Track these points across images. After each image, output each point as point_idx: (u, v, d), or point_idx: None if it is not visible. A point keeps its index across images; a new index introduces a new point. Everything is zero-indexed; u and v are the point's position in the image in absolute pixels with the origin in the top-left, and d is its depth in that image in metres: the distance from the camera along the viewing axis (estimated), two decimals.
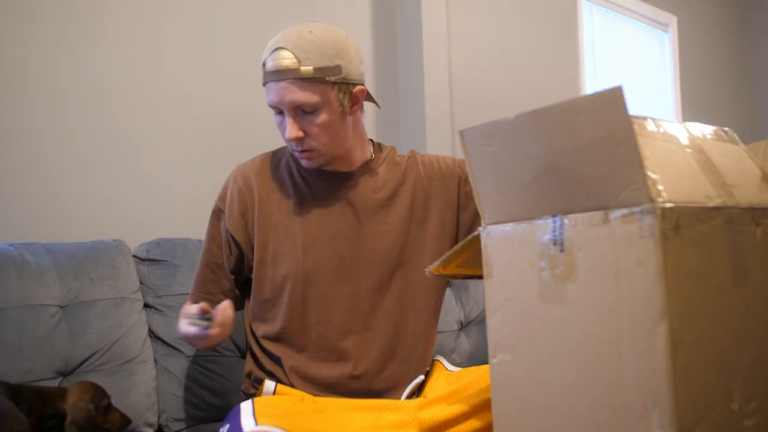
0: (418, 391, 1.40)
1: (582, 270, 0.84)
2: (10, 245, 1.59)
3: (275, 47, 1.27)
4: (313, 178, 1.39)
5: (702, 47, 4.61)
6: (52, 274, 1.57)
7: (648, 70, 4.21)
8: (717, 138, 0.99)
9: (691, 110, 4.41)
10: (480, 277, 1.15)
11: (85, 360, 1.55)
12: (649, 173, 0.79)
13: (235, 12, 2.24)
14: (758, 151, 1.06)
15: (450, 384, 1.33)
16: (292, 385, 1.33)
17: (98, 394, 1.35)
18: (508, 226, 0.93)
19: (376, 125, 2.54)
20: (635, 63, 4.12)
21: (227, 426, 1.19)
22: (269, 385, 1.31)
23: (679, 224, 0.78)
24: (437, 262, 1.12)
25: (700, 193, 0.84)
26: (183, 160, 2.09)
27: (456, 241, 1.44)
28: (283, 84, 1.25)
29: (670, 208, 0.77)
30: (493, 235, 0.94)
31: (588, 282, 0.83)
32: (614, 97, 0.78)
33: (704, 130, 0.97)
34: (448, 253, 1.10)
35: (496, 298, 0.94)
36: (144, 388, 1.62)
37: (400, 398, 1.33)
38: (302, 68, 1.24)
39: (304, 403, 1.23)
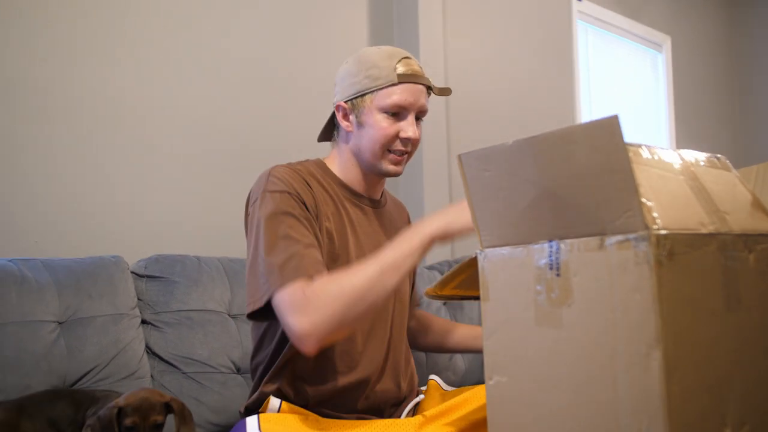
0: (414, 410, 1.41)
1: (578, 295, 0.85)
2: (10, 261, 1.60)
3: (404, 55, 1.37)
4: (350, 201, 1.41)
5: (695, 67, 4.66)
6: (51, 290, 1.58)
7: (642, 90, 4.26)
8: (710, 165, 1.00)
9: (684, 129, 4.46)
10: (476, 298, 1.17)
11: (83, 376, 1.56)
12: (644, 200, 0.80)
13: (239, 33, 2.26)
14: (750, 176, 1.08)
15: (447, 402, 1.34)
16: (295, 392, 1.34)
17: (147, 407, 1.28)
18: (505, 250, 0.94)
19: None
20: (629, 82, 4.16)
21: None
22: (274, 402, 1.32)
23: (674, 251, 0.79)
24: (434, 284, 1.14)
25: (694, 219, 0.86)
26: (181, 177, 2.10)
27: None
28: (420, 87, 1.36)
29: (665, 235, 0.79)
30: (490, 259, 0.96)
31: (584, 307, 0.84)
32: (611, 126, 0.80)
33: (697, 157, 0.99)
34: (445, 275, 1.12)
35: (492, 321, 0.96)
36: None
37: (400, 416, 1.34)
38: (428, 78, 1.39)
39: (308, 421, 1.24)
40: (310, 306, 1.14)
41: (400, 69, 1.34)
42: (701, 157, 1.00)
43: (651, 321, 0.78)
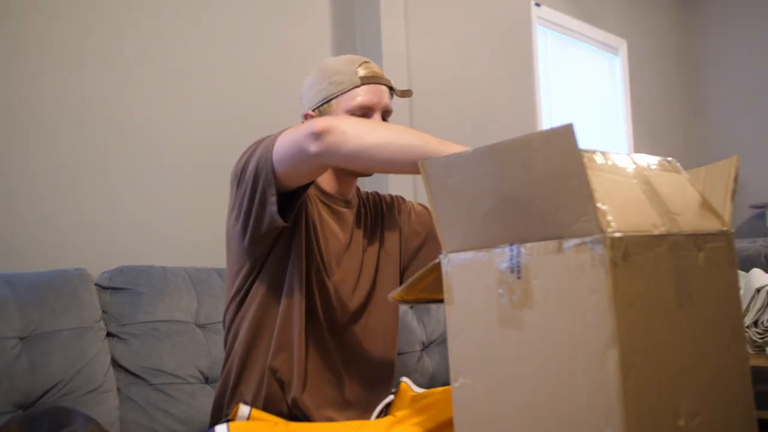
0: (384, 411, 1.43)
1: (538, 297, 0.88)
2: None
3: (362, 60, 1.43)
4: (322, 202, 1.43)
5: (651, 70, 4.76)
6: (12, 305, 1.55)
7: (600, 92, 4.34)
8: (661, 168, 1.04)
9: (641, 131, 4.55)
10: (441, 301, 1.19)
11: (47, 391, 1.53)
12: (599, 205, 0.83)
13: (200, 38, 2.26)
14: (698, 177, 1.12)
15: (417, 403, 1.36)
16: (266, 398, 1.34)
17: None
18: (468, 254, 0.96)
19: None
20: (588, 85, 4.24)
21: None
22: (244, 409, 1.32)
23: (628, 252, 0.83)
24: (400, 288, 1.16)
25: (647, 221, 0.89)
26: (145, 187, 2.09)
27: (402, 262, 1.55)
28: (380, 87, 1.42)
29: (619, 238, 0.82)
30: (453, 263, 0.98)
31: (544, 309, 0.88)
32: (566, 134, 0.83)
33: (649, 161, 1.03)
34: (411, 279, 1.13)
35: (457, 324, 0.98)
36: (107, 417, 1.61)
37: (370, 418, 1.36)
38: (389, 79, 1.45)
39: (278, 427, 1.25)
40: (335, 118, 1.22)
41: (362, 72, 1.40)
42: (653, 160, 1.04)
43: (607, 321, 0.81)
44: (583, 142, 0.92)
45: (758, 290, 1.71)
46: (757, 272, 1.79)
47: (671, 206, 0.96)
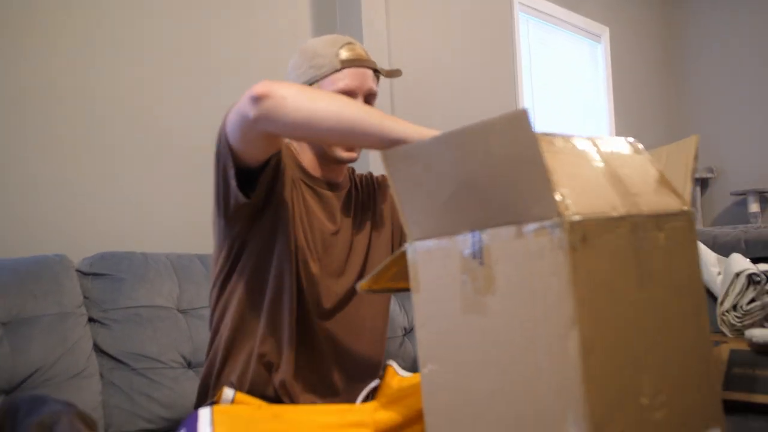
0: (370, 395, 1.44)
1: (501, 282, 0.89)
2: None
3: (346, 41, 1.36)
4: (305, 184, 1.40)
5: (633, 57, 4.79)
6: None
7: (582, 79, 4.36)
8: (622, 149, 1.05)
9: (623, 117, 4.58)
10: (407, 289, 1.21)
11: (29, 376, 1.53)
12: (557, 188, 0.84)
13: (180, 25, 2.24)
14: (660, 157, 1.12)
15: (402, 389, 1.37)
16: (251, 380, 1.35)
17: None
18: (432, 242, 0.97)
19: None
20: (570, 72, 4.25)
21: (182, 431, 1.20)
22: (228, 392, 1.33)
23: (587, 235, 0.83)
24: (367, 278, 1.16)
25: (607, 204, 0.90)
26: (125, 173, 2.08)
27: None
28: (362, 70, 1.35)
29: (578, 221, 0.83)
30: (418, 251, 0.99)
31: (506, 293, 0.88)
32: (520, 119, 0.83)
33: (611, 143, 1.04)
34: (377, 269, 1.14)
35: (423, 311, 0.99)
36: (90, 402, 1.61)
37: (355, 402, 1.37)
38: (373, 61, 1.38)
39: (261, 410, 1.25)
40: (275, 83, 1.13)
41: (343, 55, 1.35)
42: (614, 142, 1.04)
43: (567, 304, 0.82)
44: (564, 128, 0.93)
45: (737, 275, 1.73)
46: (736, 257, 1.81)
47: (631, 187, 0.97)
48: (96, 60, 2.04)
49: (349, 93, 1.34)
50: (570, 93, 4.24)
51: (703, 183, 5.07)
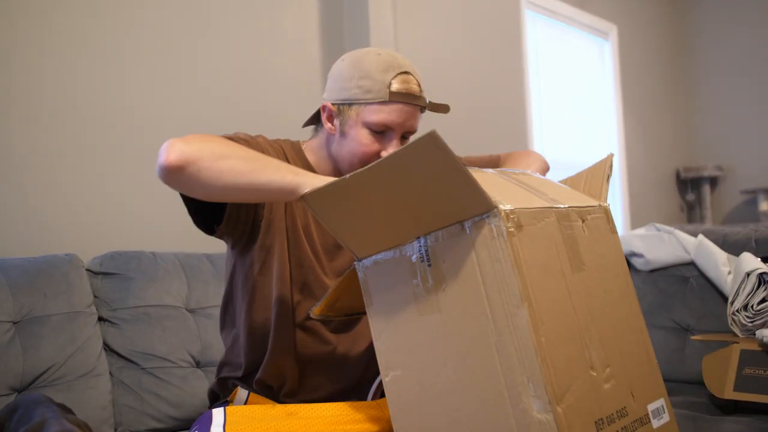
0: (380, 389, 1.43)
1: (449, 278, 0.96)
2: None
3: (402, 70, 1.28)
4: None
5: (641, 55, 4.77)
6: (5, 290, 1.56)
7: (590, 77, 4.35)
8: (530, 174, 1.18)
9: (631, 116, 4.57)
10: (361, 313, 1.22)
11: (40, 375, 1.54)
12: (486, 190, 0.92)
13: (188, 27, 2.24)
14: (580, 179, 1.23)
15: None
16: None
17: None
18: (379, 255, 1.04)
19: None
20: (577, 70, 4.24)
21: (195, 431, 1.21)
22: (242, 393, 1.33)
23: (521, 223, 0.93)
24: (319, 303, 1.18)
25: (531, 202, 1.00)
26: (135, 173, 2.08)
27: None
28: (410, 109, 1.29)
29: (511, 210, 0.92)
30: (366, 266, 1.05)
31: (456, 287, 0.96)
32: (434, 139, 0.89)
33: (517, 172, 1.17)
34: (328, 294, 1.17)
35: (378, 322, 1.05)
36: (99, 401, 1.62)
37: (366, 398, 1.36)
38: (424, 97, 1.32)
39: (276, 408, 1.25)
40: (197, 136, 1.17)
41: (395, 86, 1.26)
42: (520, 172, 1.17)
43: (513, 283, 0.90)
44: (571, 127, 1.00)
45: (748, 274, 1.72)
46: (747, 256, 1.80)
47: (549, 193, 1.07)
48: (109, 62, 2.04)
49: (389, 128, 1.29)
50: (577, 91, 4.23)
51: (712, 181, 5.05)
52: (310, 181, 1.07)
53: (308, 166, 1.38)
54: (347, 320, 1.35)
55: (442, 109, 1.36)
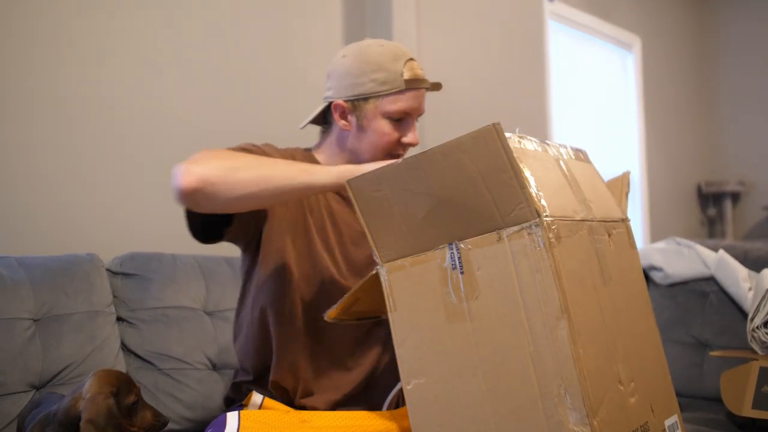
0: (397, 398, 1.43)
1: (483, 286, 0.95)
2: None
3: (408, 57, 1.34)
4: (331, 193, 1.40)
5: (665, 67, 4.74)
6: (27, 287, 1.58)
7: (612, 89, 4.32)
8: (576, 157, 1.13)
9: (653, 129, 4.54)
10: (376, 317, 1.23)
11: (59, 373, 1.56)
12: (534, 192, 0.91)
13: (214, 29, 2.27)
14: (617, 182, 1.23)
15: None
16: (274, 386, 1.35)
17: (123, 387, 1.15)
18: (406, 261, 1.02)
19: None
20: (600, 82, 4.22)
21: None
22: (256, 398, 1.33)
23: (560, 234, 0.92)
24: (335, 306, 1.17)
25: (570, 207, 0.98)
26: (156, 175, 2.10)
27: None
28: (422, 92, 1.36)
29: (552, 221, 0.91)
30: (391, 271, 1.03)
31: (490, 296, 0.94)
32: (493, 132, 0.90)
33: (563, 149, 1.11)
34: (345, 298, 1.16)
35: (402, 329, 1.03)
36: None
37: (381, 408, 1.36)
38: (428, 79, 1.38)
39: (290, 415, 1.26)
40: (204, 155, 1.20)
41: (407, 74, 1.32)
42: (566, 148, 1.13)
43: (554, 296, 0.89)
44: (592, 138, 0.99)
45: None
46: None
47: (586, 193, 1.05)
48: (135, 64, 2.07)
49: (408, 114, 1.35)
50: (600, 103, 4.21)
51: (734, 197, 5.00)
52: (321, 173, 1.13)
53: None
54: (358, 324, 1.35)
55: (437, 87, 1.42)
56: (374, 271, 1.06)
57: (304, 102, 2.56)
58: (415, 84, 1.33)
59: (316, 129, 1.48)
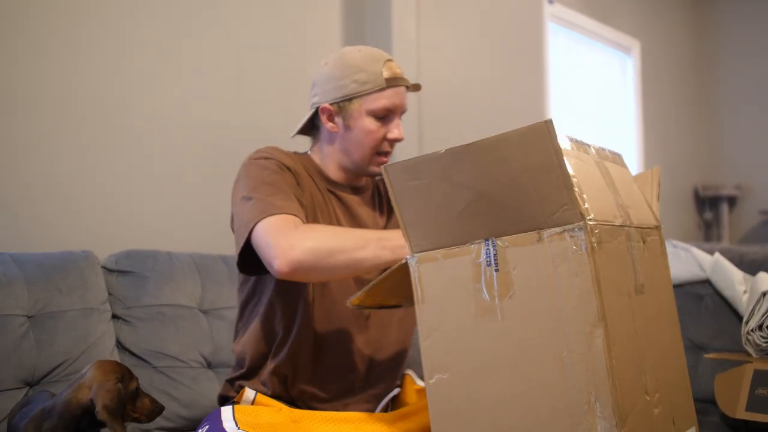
0: (390, 404, 1.44)
1: (518, 286, 0.93)
2: None
3: (386, 58, 1.41)
4: (332, 192, 1.44)
5: (664, 71, 4.75)
6: (21, 284, 1.58)
7: (611, 92, 4.33)
8: (612, 160, 1.11)
9: (651, 132, 4.54)
10: (397, 306, 1.21)
11: (53, 370, 1.56)
12: (577, 195, 0.89)
13: (213, 29, 2.27)
14: (646, 179, 1.20)
15: (421, 398, 1.37)
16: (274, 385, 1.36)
17: (126, 374, 1.21)
18: (438, 253, 1.00)
19: None
20: (599, 85, 4.23)
21: (206, 427, 1.22)
22: (249, 393, 1.34)
23: (601, 239, 0.90)
24: (360, 293, 1.16)
25: (610, 212, 0.96)
26: (152, 173, 2.10)
27: None
28: (403, 90, 1.42)
29: (594, 225, 0.89)
30: (422, 261, 1.01)
31: (525, 296, 0.92)
32: (545, 129, 0.88)
33: (602, 150, 1.10)
34: (372, 283, 1.14)
35: (430, 322, 1.00)
36: None
37: (374, 411, 1.37)
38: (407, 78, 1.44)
39: (281, 413, 1.26)
40: (299, 231, 1.22)
41: (386, 73, 1.39)
42: (606, 152, 1.11)
43: (591, 302, 0.87)
44: (590, 141, 0.99)
45: (764, 294, 1.70)
46: (763, 276, 1.78)
47: (624, 198, 1.03)
48: (130, 64, 2.07)
49: (391, 111, 1.40)
50: (598, 105, 4.21)
51: (730, 201, 5.00)
52: (403, 251, 1.16)
53: (317, 169, 1.44)
54: (359, 312, 1.37)
55: (417, 88, 1.47)
56: (403, 260, 1.04)
57: (303, 100, 2.55)
58: (394, 82, 1.39)
59: None
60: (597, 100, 4.20)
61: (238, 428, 1.16)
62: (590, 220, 0.88)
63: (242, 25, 2.35)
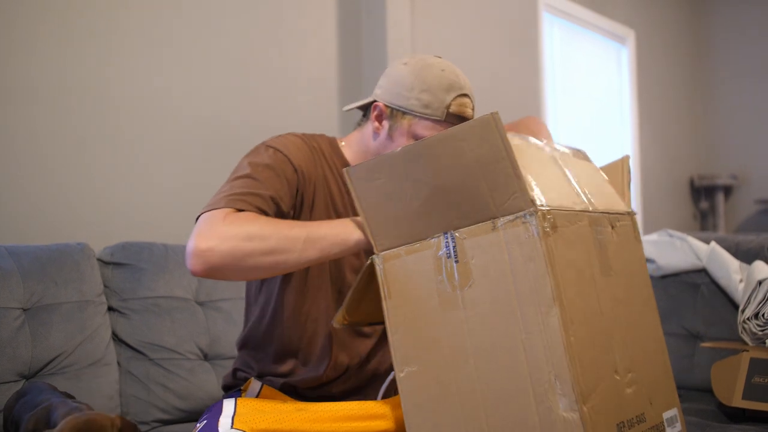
0: (391, 387, 1.43)
1: (477, 275, 0.96)
2: None
3: (462, 92, 1.31)
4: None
5: (659, 60, 4.75)
6: (16, 276, 1.57)
7: (606, 82, 4.33)
8: (573, 155, 1.14)
9: (647, 122, 4.54)
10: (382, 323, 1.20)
11: (48, 363, 1.55)
12: (528, 182, 0.92)
13: (206, 22, 2.25)
14: (616, 169, 1.22)
15: None
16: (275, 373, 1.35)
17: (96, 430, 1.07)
18: (401, 249, 1.02)
19: (341, 131, 2.58)
20: (594, 75, 4.22)
21: (204, 422, 1.22)
22: (255, 384, 1.33)
23: (556, 224, 0.92)
24: (340, 312, 1.14)
25: (569, 199, 0.99)
26: (148, 164, 2.10)
27: None
28: None
29: (548, 210, 0.92)
30: (386, 260, 1.04)
31: (484, 284, 0.95)
32: (492, 121, 0.91)
33: (559, 147, 1.13)
34: (348, 300, 1.11)
35: (396, 317, 1.03)
36: (107, 391, 1.63)
37: (376, 398, 1.37)
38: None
39: (285, 405, 1.26)
40: (218, 232, 1.13)
41: (453, 108, 1.30)
42: (564, 148, 1.15)
43: (546, 284, 0.90)
44: (586, 131, 0.99)
45: (760, 282, 1.71)
46: (759, 264, 1.79)
47: (586, 187, 1.06)
48: (132, 57, 2.06)
49: None
50: (594, 95, 4.21)
51: (726, 190, 5.01)
52: (332, 248, 1.11)
53: (345, 162, 1.38)
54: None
55: None
56: (369, 262, 1.06)
57: (298, 92, 2.55)
58: (455, 120, 1.29)
59: (318, 123, 1.47)
60: (592, 90, 4.20)
61: (232, 428, 1.14)
62: (542, 206, 0.91)
63: (236, 18, 2.34)
